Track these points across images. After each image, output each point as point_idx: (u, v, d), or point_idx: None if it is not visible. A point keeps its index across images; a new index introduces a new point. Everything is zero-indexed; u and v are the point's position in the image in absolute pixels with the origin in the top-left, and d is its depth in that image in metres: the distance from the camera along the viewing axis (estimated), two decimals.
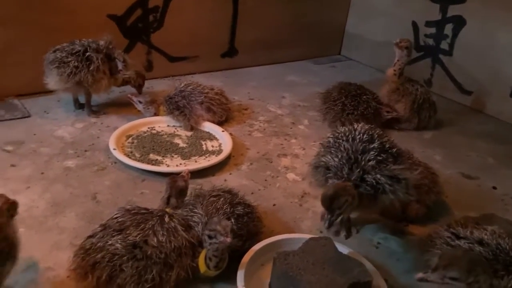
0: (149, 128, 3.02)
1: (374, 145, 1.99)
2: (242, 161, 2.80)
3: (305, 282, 1.70)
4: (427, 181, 2.33)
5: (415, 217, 2.33)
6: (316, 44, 4.68)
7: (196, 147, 2.86)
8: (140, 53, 3.70)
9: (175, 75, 3.88)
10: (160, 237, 1.73)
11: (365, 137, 2.02)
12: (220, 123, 3.12)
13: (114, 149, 2.65)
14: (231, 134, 3.01)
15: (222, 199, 2.00)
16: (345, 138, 2.06)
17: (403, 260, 2.13)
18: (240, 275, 1.80)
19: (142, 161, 2.63)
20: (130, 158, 2.63)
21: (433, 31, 4.00)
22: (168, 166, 2.63)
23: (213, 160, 2.69)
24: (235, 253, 1.89)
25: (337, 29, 4.80)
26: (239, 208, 2.00)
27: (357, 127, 2.11)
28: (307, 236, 2.00)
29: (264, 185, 2.60)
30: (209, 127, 3.06)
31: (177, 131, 3.03)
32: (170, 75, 3.87)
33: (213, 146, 2.90)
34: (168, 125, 3.07)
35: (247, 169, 2.74)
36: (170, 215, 1.84)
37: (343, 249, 1.96)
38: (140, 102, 3.10)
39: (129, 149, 2.76)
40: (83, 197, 2.34)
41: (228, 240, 1.66)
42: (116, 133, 2.83)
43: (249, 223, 2.00)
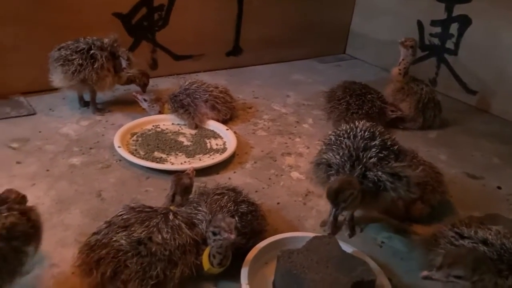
0: (153, 126, 3.03)
1: (375, 142, 1.99)
2: (246, 160, 2.81)
3: (309, 280, 1.70)
4: (431, 180, 2.33)
5: (419, 216, 2.33)
6: (321, 43, 4.68)
7: (200, 145, 2.86)
8: (145, 51, 3.71)
9: (179, 73, 3.88)
10: (164, 235, 1.74)
11: (367, 134, 2.02)
12: (224, 122, 3.12)
13: (119, 147, 2.66)
14: (235, 132, 3.01)
15: (226, 197, 2.00)
16: (346, 135, 2.06)
17: (407, 259, 2.13)
18: (244, 272, 1.81)
19: (146, 159, 2.63)
20: (134, 156, 2.64)
21: (438, 30, 3.99)
22: (172, 164, 2.64)
23: (218, 158, 2.69)
24: (239, 251, 1.89)
25: (342, 28, 4.80)
26: (243, 206, 2.01)
27: (359, 124, 2.10)
28: (311, 234, 2.00)
29: (268, 184, 2.60)
30: (214, 125, 3.06)
31: (182, 129, 3.04)
32: (174, 73, 3.87)
33: (217, 144, 2.90)
34: (172, 123, 3.08)
35: (251, 168, 2.74)
36: (174, 213, 1.84)
37: (347, 247, 1.96)
38: (145, 100, 3.10)
39: (134, 147, 2.77)
40: (88, 195, 2.35)
41: (232, 236, 1.67)
42: (121, 131, 2.84)
43: (253, 221, 2.00)
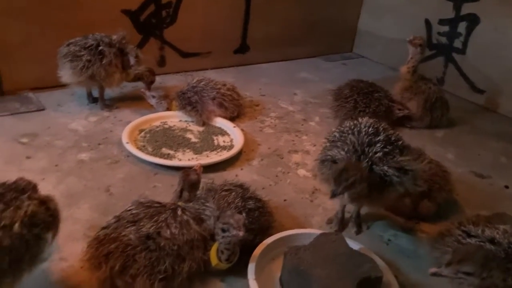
0: (161, 122, 3.05)
1: (380, 138, 1.99)
2: (253, 157, 2.82)
3: (316, 276, 1.71)
4: (438, 178, 2.33)
5: (426, 214, 2.33)
6: (328, 41, 4.68)
7: (207, 142, 2.88)
8: (153, 48, 3.73)
9: (187, 71, 3.90)
10: (173, 230, 1.75)
11: (371, 130, 2.02)
12: (231, 119, 3.14)
13: (127, 143, 2.68)
14: (242, 129, 3.02)
15: (233, 193, 2.02)
16: (350, 131, 2.05)
17: (414, 257, 2.13)
18: (251, 268, 1.82)
19: (154, 155, 2.65)
20: (143, 152, 2.66)
21: (446, 29, 3.98)
22: (180, 160, 2.66)
23: (225, 155, 2.71)
24: (246, 247, 1.90)
25: (349, 27, 4.80)
26: (251, 202, 2.02)
27: (362, 120, 2.11)
28: (317, 231, 2.01)
29: (275, 181, 2.61)
30: (221, 122, 3.08)
31: (189, 126, 3.05)
32: (182, 71, 3.90)
33: (224, 141, 2.92)
34: (180, 120, 3.09)
35: (258, 165, 2.75)
36: (182, 209, 1.86)
37: (354, 245, 1.97)
38: (153, 96, 3.12)
39: (142, 143, 2.79)
40: (97, 190, 2.37)
41: (240, 233, 1.68)
42: (129, 127, 2.86)
43: (260, 218, 2.01)
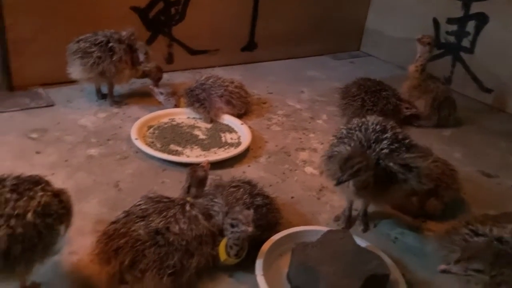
0: (169, 119, 3.06)
1: (387, 135, 2.00)
2: (260, 154, 2.83)
3: (323, 273, 1.72)
4: (446, 177, 2.33)
5: (433, 213, 2.33)
6: (335, 39, 4.68)
7: (215, 139, 2.89)
8: (161, 45, 3.75)
9: (195, 68, 3.91)
10: (181, 225, 1.77)
11: (378, 127, 2.03)
12: (239, 116, 3.15)
13: (136, 139, 2.70)
14: (250, 127, 3.03)
15: (241, 190, 2.03)
16: (358, 128, 2.07)
17: (420, 255, 2.14)
18: (258, 263, 1.83)
19: (163, 152, 2.67)
20: (151, 148, 2.68)
21: (454, 28, 3.97)
22: (188, 157, 2.67)
23: (232, 152, 2.72)
24: (254, 243, 1.91)
25: (357, 25, 4.79)
26: (258, 199, 2.04)
27: (370, 118, 2.12)
28: (325, 228, 2.02)
29: (282, 178, 2.62)
30: (228, 119, 3.09)
31: (197, 123, 3.07)
32: (190, 68, 3.91)
33: (232, 138, 2.93)
34: (188, 117, 3.11)
35: (265, 162, 2.76)
36: (191, 204, 1.87)
37: (361, 242, 1.97)
38: (161, 93, 3.14)
39: (151, 139, 2.81)
40: (106, 185, 2.39)
41: (249, 229, 1.69)
42: (137, 123, 2.88)
43: (268, 214, 2.03)
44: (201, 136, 2.92)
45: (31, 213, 1.54)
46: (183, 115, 3.11)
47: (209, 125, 3.04)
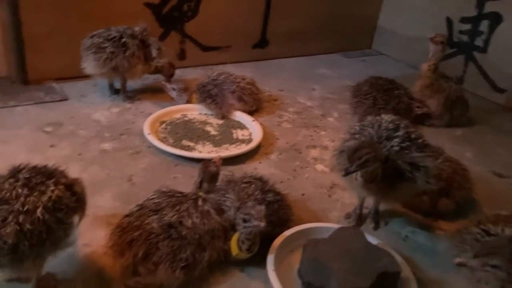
0: (181, 115, 3.09)
1: (398, 133, 1.99)
2: (271, 151, 2.84)
3: (334, 269, 1.73)
4: (458, 176, 2.33)
5: (445, 212, 2.33)
6: (347, 37, 4.66)
7: (227, 135, 2.91)
8: (174, 41, 3.77)
9: (207, 64, 3.93)
10: (194, 219, 1.79)
11: (391, 126, 2.03)
12: (250, 113, 3.16)
13: (148, 134, 2.73)
14: (261, 124, 3.05)
15: (253, 186, 2.05)
16: (370, 125, 2.08)
17: (431, 254, 2.14)
18: (270, 259, 1.85)
19: (175, 147, 2.69)
20: (164, 143, 2.70)
21: (468, 27, 3.94)
22: (200, 152, 2.69)
23: (243, 148, 2.73)
24: (265, 239, 1.92)
25: (368, 23, 4.77)
26: (270, 195, 2.05)
27: (385, 116, 2.12)
28: (336, 225, 2.03)
29: (293, 175, 2.63)
30: (240, 116, 3.10)
31: (209, 119, 3.09)
32: (202, 64, 3.92)
33: (243, 135, 2.94)
34: (200, 113, 3.13)
35: (276, 159, 2.77)
36: (203, 199, 1.89)
37: (372, 240, 1.98)
38: (173, 89, 3.16)
39: (163, 135, 2.83)
40: (119, 179, 2.42)
41: (261, 224, 1.71)
42: (150, 118, 2.91)
43: (279, 210, 2.04)
44: (213, 132, 2.94)
45: (41, 209, 1.52)
46: (195, 111, 3.13)
47: (220, 122, 3.06)
